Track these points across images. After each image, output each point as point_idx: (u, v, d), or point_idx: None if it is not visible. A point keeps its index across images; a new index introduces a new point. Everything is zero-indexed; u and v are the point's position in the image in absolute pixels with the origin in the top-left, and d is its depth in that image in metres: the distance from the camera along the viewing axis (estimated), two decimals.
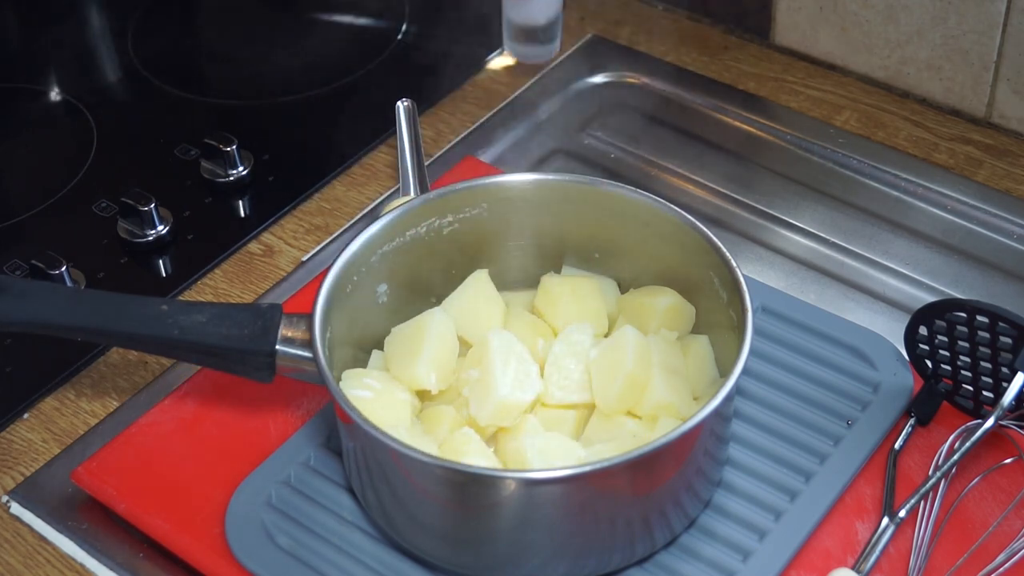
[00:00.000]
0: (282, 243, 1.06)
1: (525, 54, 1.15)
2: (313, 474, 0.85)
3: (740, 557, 0.80)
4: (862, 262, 1.03)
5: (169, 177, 1.11)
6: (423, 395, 0.85)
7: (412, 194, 0.98)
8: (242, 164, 1.10)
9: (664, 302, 0.87)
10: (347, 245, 0.85)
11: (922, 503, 0.82)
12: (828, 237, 1.05)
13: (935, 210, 1.06)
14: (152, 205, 1.05)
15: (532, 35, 1.14)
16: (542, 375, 0.85)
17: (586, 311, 0.88)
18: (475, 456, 0.79)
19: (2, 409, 0.94)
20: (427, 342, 0.84)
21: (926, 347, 0.87)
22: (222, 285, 1.03)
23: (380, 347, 0.88)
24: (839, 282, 1.02)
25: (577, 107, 1.18)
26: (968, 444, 0.82)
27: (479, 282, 0.89)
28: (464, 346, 0.87)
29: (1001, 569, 0.80)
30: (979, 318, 0.82)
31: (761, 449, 0.85)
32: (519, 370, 0.83)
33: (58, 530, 0.87)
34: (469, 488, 0.76)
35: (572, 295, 0.89)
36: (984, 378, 0.85)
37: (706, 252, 0.84)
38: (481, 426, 0.82)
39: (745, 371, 0.78)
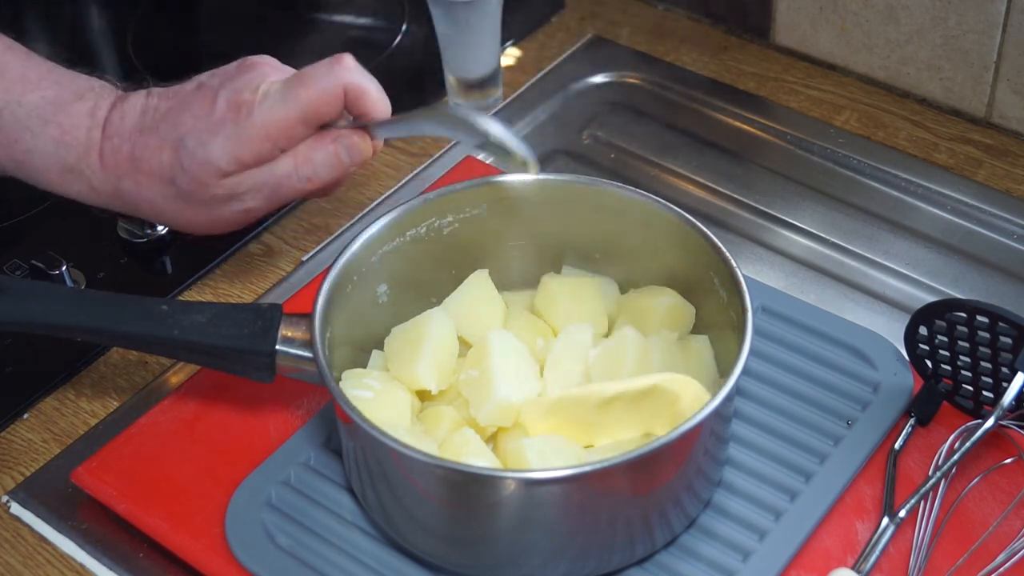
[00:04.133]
0: (282, 243, 1.06)
1: (467, 107, 1.16)
2: (313, 474, 0.85)
3: (740, 557, 0.80)
4: (862, 262, 1.03)
5: None
6: (423, 395, 0.85)
7: None
8: None
9: (664, 302, 0.87)
10: (347, 245, 0.85)
11: (922, 503, 0.82)
12: (828, 237, 1.05)
13: (935, 210, 1.06)
14: None
15: (472, 87, 1.14)
16: (542, 375, 0.85)
17: (586, 311, 0.88)
18: (475, 456, 0.79)
19: (2, 409, 0.94)
20: (427, 342, 0.84)
21: (926, 347, 0.86)
22: (222, 285, 1.03)
23: (380, 347, 0.88)
24: (839, 282, 1.02)
25: (577, 107, 1.18)
26: (968, 444, 0.82)
27: (479, 282, 0.89)
28: (464, 346, 0.87)
29: (1001, 569, 0.80)
30: (979, 318, 0.82)
31: (761, 449, 0.85)
32: (519, 370, 0.83)
33: (58, 530, 0.87)
34: (469, 488, 0.76)
35: (572, 295, 0.89)
36: (984, 378, 0.85)
37: (706, 252, 0.84)
38: (481, 426, 0.82)
39: (745, 371, 0.78)
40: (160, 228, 1.05)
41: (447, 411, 0.83)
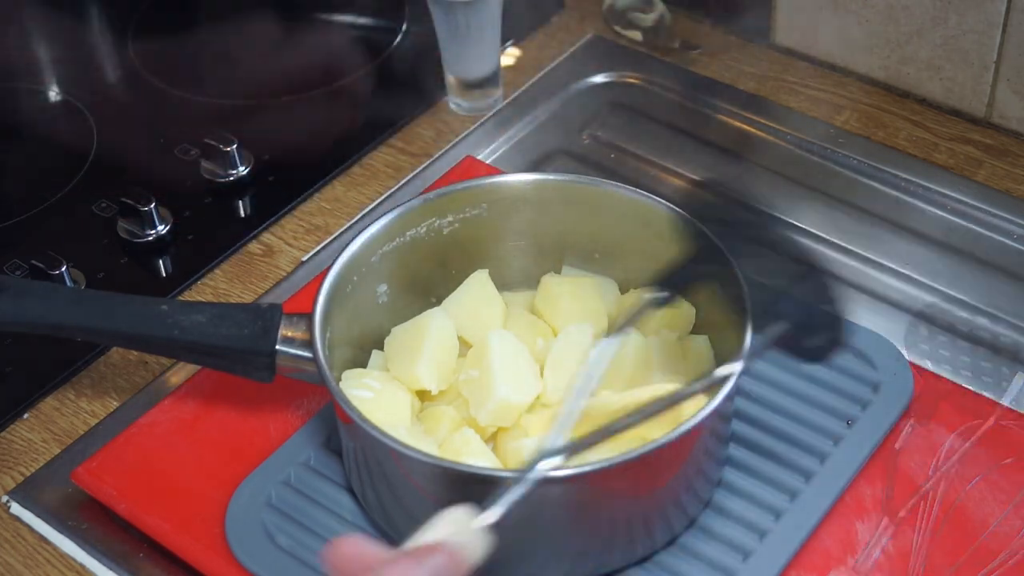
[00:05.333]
0: (282, 243, 1.06)
1: (467, 107, 1.16)
2: (313, 474, 0.85)
3: (740, 557, 0.80)
4: (862, 262, 1.03)
5: (169, 177, 1.11)
6: (423, 395, 0.85)
7: None
8: (242, 164, 1.10)
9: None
10: (347, 245, 0.85)
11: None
12: (828, 237, 1.05)
13: (935, 210, 1.06)
14: (152, 205, 1.05)
15: (472, 87, 1.15)
16: (542, 375, 0.85)
17: (586, 311, 0.88)
18: (475, 456, 0.79)
19: (2, 409, 0.94)
20: (427, 342, 0.84)
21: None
22: (222, 285, 1.03)
23: (380, 347, 0.88)
24: (839, 282, 1.02)
25: (577, 107, 1.18)
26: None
27: (479, 282, 0.89)
28: (464, 346, 0.87)
29: (1001, 569, 0.80)
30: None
31: (761, 449, 0.85)
32: (519, 370, 0.83)
33: (58, 530, 0.87)
34: (469, 488, 0.76)
35: (572, 295, 0.89)
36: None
37: (706, 252, 0.84)
38: (481, 426, 0.82)
39: (745, 371, 0.78)
40: (160, 228, 1.05)
41: (447, 411, 0.83)
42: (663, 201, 0.87)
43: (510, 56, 1.22)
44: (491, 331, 0.84)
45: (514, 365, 0.83)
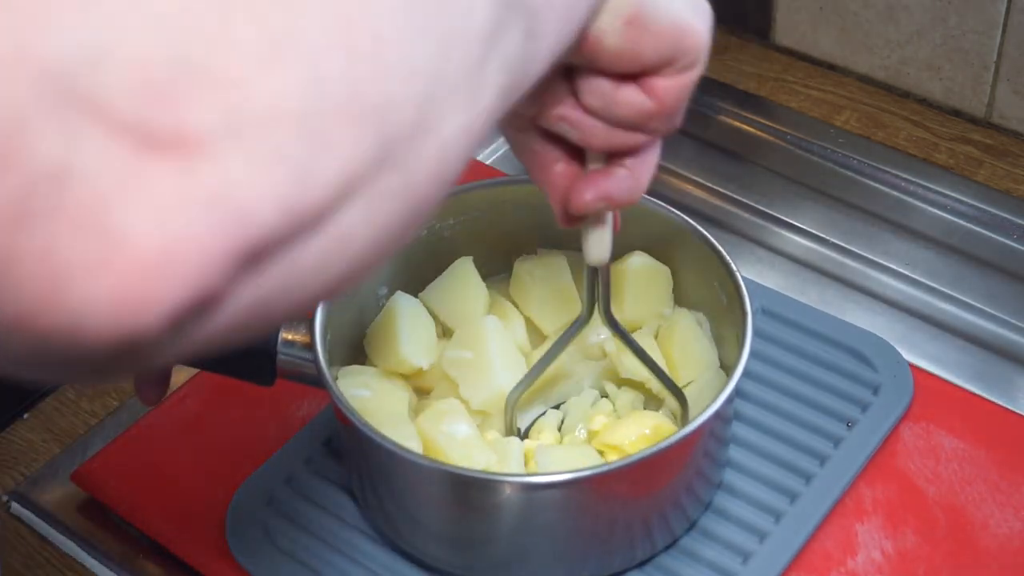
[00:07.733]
0: None
1: None
2: (313, 475, 0.85)
3: (740, 559, 0.80)
4: (862, 262, 1.03)
5: None
6: (419, 390, 0.85)
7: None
8: None
9: (635, 263, 0.86)
10: None
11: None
12: (828, 237, 1.05)
13: (935, 210, 1.06)
14: None
15: None
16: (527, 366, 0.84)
17: (556, 291, 0.87)
18: (457, 425, 0.78)
19: (2, 409, 0.94)
20: (400, 324, 0.84)
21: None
22: None
23: None
24: (839, 283, 1.02)
25: None
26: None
27: (462, 270, 0.89)
28: (446, 333, 0.87)
29: (1001, 570, 0.80)
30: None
31: (761, 451, 0.85)
32: (513, 360, 0.83)
33: (58, 530, 0.87)
34: (469, 491, 0.76)
35: (541, 276, 0.87)
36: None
37: (706, 255, 0.84)
38: (472, 410, 0.81)
39: (745, 373, 0.78)
40: None
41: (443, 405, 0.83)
42: (662, 203, 0.87)
43: None
44: (486, 316, 0.84)
45: (509, 354, 0.82)
